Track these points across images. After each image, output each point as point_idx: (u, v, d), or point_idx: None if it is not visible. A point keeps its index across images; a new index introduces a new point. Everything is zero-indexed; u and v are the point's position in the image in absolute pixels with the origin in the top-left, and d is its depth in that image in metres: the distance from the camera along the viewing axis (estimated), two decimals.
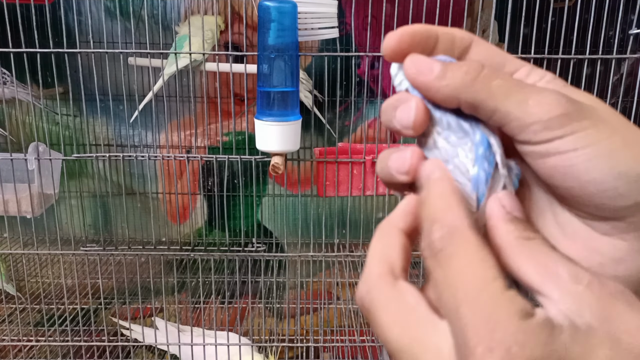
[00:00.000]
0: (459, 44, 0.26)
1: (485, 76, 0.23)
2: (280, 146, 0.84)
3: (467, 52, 0.26)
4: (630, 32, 0.97)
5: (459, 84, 0.23)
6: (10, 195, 1.01)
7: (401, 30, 0.25)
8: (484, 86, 0.23)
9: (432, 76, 0.23)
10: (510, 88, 0.23)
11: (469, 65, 0.23)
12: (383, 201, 1.31)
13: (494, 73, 0.23)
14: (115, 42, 1.15)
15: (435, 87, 0.23)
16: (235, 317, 1.37)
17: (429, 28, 0.25)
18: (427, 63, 0.24)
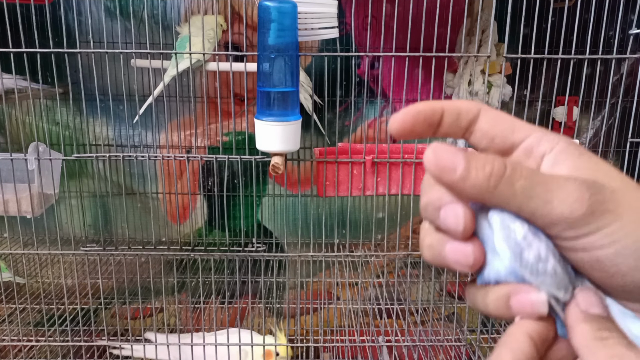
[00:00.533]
0: (465, 116, 0.26)
1: (509, 178, 0.23)
2: (280, 146, 0.84)
3: (475, 123, 0.26)
4: (630, 32, 0.97)
5: (483, 188, 0.23)
6: (10, 195, 1.01)
7: (405, 112, 0.25)
8: (507, 189, 0.23)
9: (456, 176, 0.23)
10: (533, 188, 0.23)
11: (492, 165, 0.23)
12: (383, 201, 1.31)
13: (517, 172, 0.23)
14: (115, 42, 1.15)
15: (459, 188, 0.23)
16: (235, 317, 1.37)
17: (433, 105, 0.25)
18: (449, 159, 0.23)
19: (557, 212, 0.22)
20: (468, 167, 0.23)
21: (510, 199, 0.23)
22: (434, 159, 0.23)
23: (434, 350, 1.25)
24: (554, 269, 0.23)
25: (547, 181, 0.23)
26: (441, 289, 1.41)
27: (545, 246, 0.23)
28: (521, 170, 0.23)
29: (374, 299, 1.34)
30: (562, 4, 1.16)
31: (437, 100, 0.26)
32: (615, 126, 1.28)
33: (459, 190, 0.23)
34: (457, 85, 1.19)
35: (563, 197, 0.22)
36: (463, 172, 0.23)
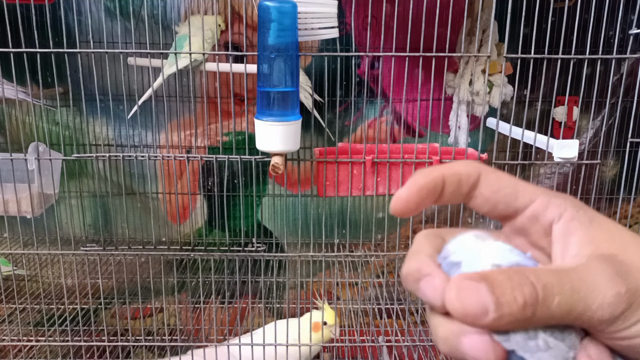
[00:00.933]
0: (465, 183, 0.25)
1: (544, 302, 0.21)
2: (280, 146, 0.84)
3: (476, 188, 0.25)
4: (630, 32, 0.97)
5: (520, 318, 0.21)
6: (10, 195, 1.01)
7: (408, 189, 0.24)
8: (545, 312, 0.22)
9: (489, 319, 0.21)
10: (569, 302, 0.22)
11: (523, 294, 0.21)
12: (383, 201, 1.31)
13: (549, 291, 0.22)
14: (115, 42, 1.15)
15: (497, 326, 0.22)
16: (235, 317, 1.37)
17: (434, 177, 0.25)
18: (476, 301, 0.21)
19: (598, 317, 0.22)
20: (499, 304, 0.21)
21: (549, 321, 0.22)
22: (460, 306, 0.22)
23: (434, 350, 1.25)
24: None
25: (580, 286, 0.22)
26: None
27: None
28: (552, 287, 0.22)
29: (374, 299, 1.34)
30: (562, 4, 1.16)
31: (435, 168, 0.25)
32: (615, 126, 1.28)
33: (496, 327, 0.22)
34: (457, 85, 1.19)
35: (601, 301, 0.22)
36: (495, 314, 0.21)
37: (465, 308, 0.21)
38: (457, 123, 1.19)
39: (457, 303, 0.22)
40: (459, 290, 0.22)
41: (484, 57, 1.09)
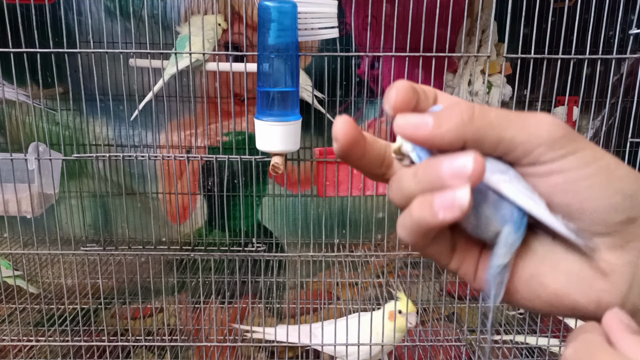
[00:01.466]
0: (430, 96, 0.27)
1: (480, 111, 0.24)
2: (280, 146, 0.84)
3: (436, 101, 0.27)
4: (630, 32, 0.97)
5: (459, 125, 0.24)
6: (10, 195, 1.01)
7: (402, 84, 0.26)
8: (483, 121, 0.24)
9: (429, 127, 0.24)
10: (507, 117, 0.24)
11: (459, 107, 0.24)
12: (383, 201, 1.31)
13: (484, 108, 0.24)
14: (115, 42, 1.15)
15: (438, 135, 0.24)
16: (235, 317, 1.37)
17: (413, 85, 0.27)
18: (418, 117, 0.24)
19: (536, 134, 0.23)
20: (437, 116, 0.24)
21: (488, 130, 0.24)
22: (404, 121, 0.25)
23: (434, 350, 1.25)
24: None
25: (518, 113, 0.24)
26: (441, 289, 1.41)
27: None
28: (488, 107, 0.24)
29: (374, 299, 1.34)
30: (562, 4, 1.16)
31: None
32: (615, 126, 1.28)
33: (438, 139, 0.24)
34: (457, 85, 1.19)
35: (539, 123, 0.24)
36: (435, 121, 0.24)
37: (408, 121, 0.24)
38: None
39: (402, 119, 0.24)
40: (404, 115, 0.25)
41: (483, 57, 1.09)
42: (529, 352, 1.14)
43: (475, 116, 0.24)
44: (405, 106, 0.26)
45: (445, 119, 0.24)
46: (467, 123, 0.24)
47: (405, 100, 0.26)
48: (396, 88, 0.25)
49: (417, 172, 0.25)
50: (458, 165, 0.23)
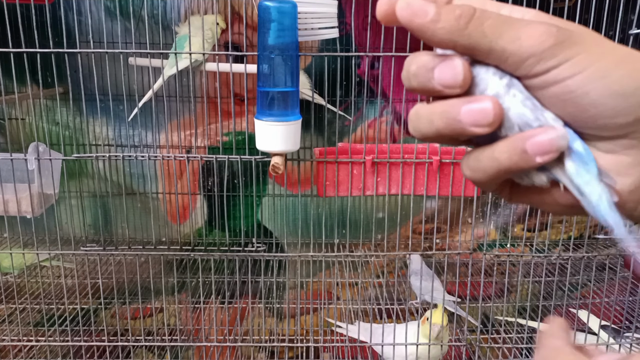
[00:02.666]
0: None
1: (478, 18, 0.23)
2: (280, 146, 0.84)
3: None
4: (630, 32, 0.97)
5: (454, 27, 0.23)
6: (10, 195, 1.01)
7: None
8: (477, 28, 0.23)
9: (428, 19, 0.24)
10: (501, 26, 0.23)
11: (462, 9, 0.24)
12: (383, 201, 1.31)
13: (485, 14, 0.24)
14: (115, 42, 1.15)
15: (431, 29, 0.24)
16: (235, 317, 1.37)
17: None
18: (421, 5, 0.24)
19: (526, 45, 0.23)
20: (439, 12, 0.24)
21: (480, 39, 0.23)
22: (406, 5, 0.24)
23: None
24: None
25: (514, 21, 0.24)
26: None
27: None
28: (489, 13, 0.24)
29: (374, 299, 1.34)
30: (562, 4, 1.16)
31: None
32: None
33: (430, 33, 0.24)
34: None
35: (530, 33, 0.23)
36: (434, 16, 0.23)
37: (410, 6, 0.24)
38: None
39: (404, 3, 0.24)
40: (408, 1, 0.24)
41: None
42: (529, 352, 1.14)
43: (471, 22, 0.23)
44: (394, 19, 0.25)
45: (444, 16, 0.24)
46: (462, 28, 0.23)
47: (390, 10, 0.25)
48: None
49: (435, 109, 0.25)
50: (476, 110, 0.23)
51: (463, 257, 1.37)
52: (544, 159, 0.23)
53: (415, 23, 0.24)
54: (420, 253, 1.14)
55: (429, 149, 0.96)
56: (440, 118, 0.25)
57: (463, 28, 0.23)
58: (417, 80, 0.25)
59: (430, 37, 0.24)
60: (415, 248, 1.31)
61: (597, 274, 1.27)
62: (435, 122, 0.25)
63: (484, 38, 0.23)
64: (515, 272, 1.33)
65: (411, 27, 0.24)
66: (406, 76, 0.26)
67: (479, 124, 0.24)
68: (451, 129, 0.24)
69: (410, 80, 0.25)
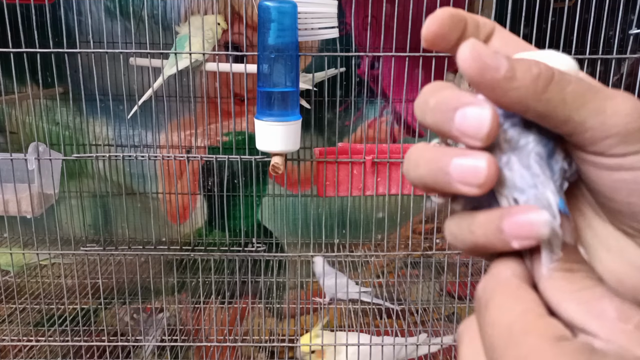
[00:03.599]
0: (482, 27, 0.24)
1: (558, 82, 0.20)
2: (280, 146, 0.84)
3: (490, 39, 0.24)
4: (630, 32, 0.97)
5: (530, 90, 0.20)
6: (10, 195, 1.01)
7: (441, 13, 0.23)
8: (557, 94, 0.20)
9: (500, 75, 0.20)
10: (585, 95, 0.20)
11: (539, 67, 0.20)
12: (383, 201, 1.31)
13: (565, 77, 0.20)
14: (115, 42, 1.15)
15: (504, 89, 0.20)
16: (235, 317, 1.37)
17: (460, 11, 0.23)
18: (492, 56, 0.20)
19: (612, 122, 0.20)
20: (513, 67, 0.20)
21: (559, 106, 0.20)
22: (473, 56, 0.20)
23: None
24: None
25: (598, 90, 0.20)
26: (441, 289, 1.41)
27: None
28: (569, 77, 0.20)
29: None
30: (562, 4, 1.16)
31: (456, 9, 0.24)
32: None
33: (501, 93, 0.20)
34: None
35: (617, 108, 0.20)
36: (508, 72, 0.20)
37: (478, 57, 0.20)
38: None
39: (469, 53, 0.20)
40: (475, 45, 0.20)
41: None
42: None
43: (552, 85, 0.20)
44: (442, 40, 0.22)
45: (521, 74, 0.20)
46: (540, 92, 0.20)
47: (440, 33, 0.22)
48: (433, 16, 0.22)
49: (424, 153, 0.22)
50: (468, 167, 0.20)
51: (463, 257, 1.37)
52: (522, 244, 0.20)
53: (486, 78, 0.20)
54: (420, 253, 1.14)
55: None
56: (426, 164, 0.21)
57: (541, 92, 0.20)
58: (434, 117, 0.21)
59: (500, 97, 0.20)
60: (415, 248, 1.31)
61: None
62: (420, 168, 0.22)
63: (563, 106, 0.20)
64: None
65: (481, 82, 0.20)
66: (421, 108, 0.22)
67: (468, 182, 0.20)
68: (435, 181, 0.21)
69: (424, 113, 0.22)
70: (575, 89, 0.20)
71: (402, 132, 1.37)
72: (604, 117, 0.20)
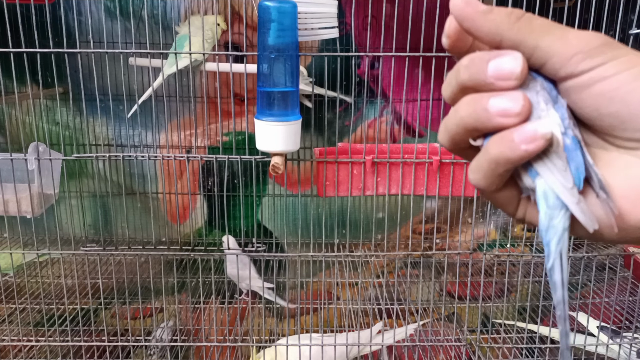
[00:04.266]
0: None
1: (528, 17, 0.24)
2: (280, 146, 0.84)
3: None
4: (630, 32, 0.97)
5: (504, 21, 0.24)
6: (10, 195, 1.01)
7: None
8: (526, 25, 0.24)
9: (479, 9, 0.25)
10: (550, 26, 0.24)
11: (512, 9, 0.25)
12: (383, 201, 1.31)
13: (535, 16, 0.25)
14: (115, 42, 1.15)
15: (481, 20, 0.25)
16: (235, 317, 1.37)
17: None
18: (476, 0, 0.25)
19: (574, 43, 0.23)
20: (491, 7, 0.25)
21: (528, 34, 0.24)
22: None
23: (434, 350, 1.25)
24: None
25: (562, 26, 0.24)
26: (441, 289, 1.41)
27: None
28: (539, 17, 0.25)
29: (374, 299, 1.34)
30: (562, 4, 1.16)
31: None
32: None
33: (479, 24, 0.25)
34: None
35: (578, 33, 0.24)
36: (486, 8, 0.25)
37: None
38: None
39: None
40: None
41: None
42: (529, 352, 1.14)
43: (521, 19, 0.24)
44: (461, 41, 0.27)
45: (496, 10, 0.25)
46: (512, 21, 0.24)
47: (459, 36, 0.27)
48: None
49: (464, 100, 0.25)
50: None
51: (463, 257, 1.37)
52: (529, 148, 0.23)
53: (466, 11, 0.25)
54: (420, 253, 1.14)
55: (428, 149, 0.96)
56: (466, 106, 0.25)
57: (513, 22, 0.24)
58: (469, 71, 0.25)
59: (479, 28, 0.25)
60: (415, 248, 1.31)
61: (597, 274, 1.27)
62: (460, 111, 0.25)
63: (531, 35, 0.24)
64: (515, 272, 1.33)
65: (462, 15, 0.25)
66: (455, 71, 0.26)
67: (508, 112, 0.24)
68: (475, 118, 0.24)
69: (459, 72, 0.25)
70: (541, 22, 0.24)
71: (402, 132, 1.37)
72: (566, 41, 0.24)
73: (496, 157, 0.24)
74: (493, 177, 0.25)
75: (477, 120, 0.24)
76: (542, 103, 0.24)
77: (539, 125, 0.23)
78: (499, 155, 0.24)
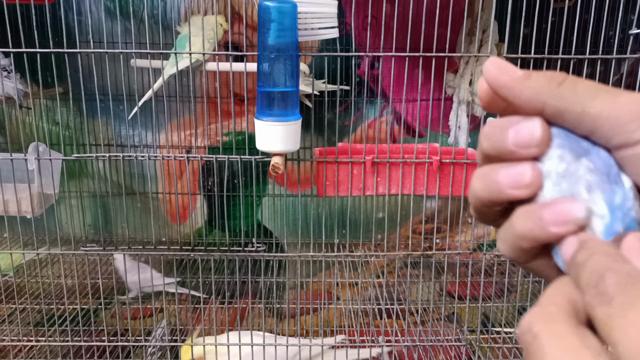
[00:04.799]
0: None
1: (571, 81, 0.22)
2: (280, 146, 0.84)
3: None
4: (630, 32, 0.97)
5: (544, 87, 0.22)
6: (10, 195, 1.01)
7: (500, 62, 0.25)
8: (570, 90, 0.22)
9: (516, 75, 0.22)
10: (596, 89, 0.22)
11: (553, 72, 0.22)
12: (383, 201, 1.31)
13: (578, 79, 0.22)
14: (115, 42, 1.15)
15: (519, 87, 0.22)
16: (235, 317, 1.37)
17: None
18: (510, 66, 0.23)
19: (626, 109, 0.21)
20: (529, 72, 0.23)
21: (574, 101, 0.22)
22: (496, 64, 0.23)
23: (434, 350, 1.25)
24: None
25: (610, 88, 0.22)
26: (441, 289, 1.41)
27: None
28: (582, 79, 0.22)
29: (374, 299, 1.34)
30: (562, 4, 1.16)
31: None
32: None
33: (517, 91, 0.22)
34: (457, 85, 1.19)
35: (628, 96, 0.21)
36: (524, 74, 0.22)
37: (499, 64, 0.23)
38: (457, 123, 1.19)
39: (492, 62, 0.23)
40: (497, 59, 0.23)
41: (484, 57, 1.09)
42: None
43: (563, 84, 0.22)
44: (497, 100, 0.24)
45: (535, 76, 0.22)
46: (554, 87, 0.22)
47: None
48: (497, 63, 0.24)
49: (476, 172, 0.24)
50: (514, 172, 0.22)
51: (463, 257, 1.37)
52: (559, 230, 0.21)
53: (502, 80, 0.23)
54: (420, 253, 1.14)
55: (428, 149, 0.96)
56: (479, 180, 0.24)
57: (554, 88, 0.22)
58: (489, 141, 0.23)
59: (517, 96, 0.23)
60: (415, 248, 1.31)
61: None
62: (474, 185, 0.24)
63: (577, 101, 0.22)
64: (515, 272, 1.33)
65: (496, 84, 0.23)
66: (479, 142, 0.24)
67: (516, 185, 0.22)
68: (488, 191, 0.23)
69: (482, 143, 0.24)
70: (586, 85, 0.22)
71: (402, 132, 1.37)
72: (617, 106, 0.21)
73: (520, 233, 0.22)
74: (521, 251, 0.23)
75: (490, 192, 0.23)
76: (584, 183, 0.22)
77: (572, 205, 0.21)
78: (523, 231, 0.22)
